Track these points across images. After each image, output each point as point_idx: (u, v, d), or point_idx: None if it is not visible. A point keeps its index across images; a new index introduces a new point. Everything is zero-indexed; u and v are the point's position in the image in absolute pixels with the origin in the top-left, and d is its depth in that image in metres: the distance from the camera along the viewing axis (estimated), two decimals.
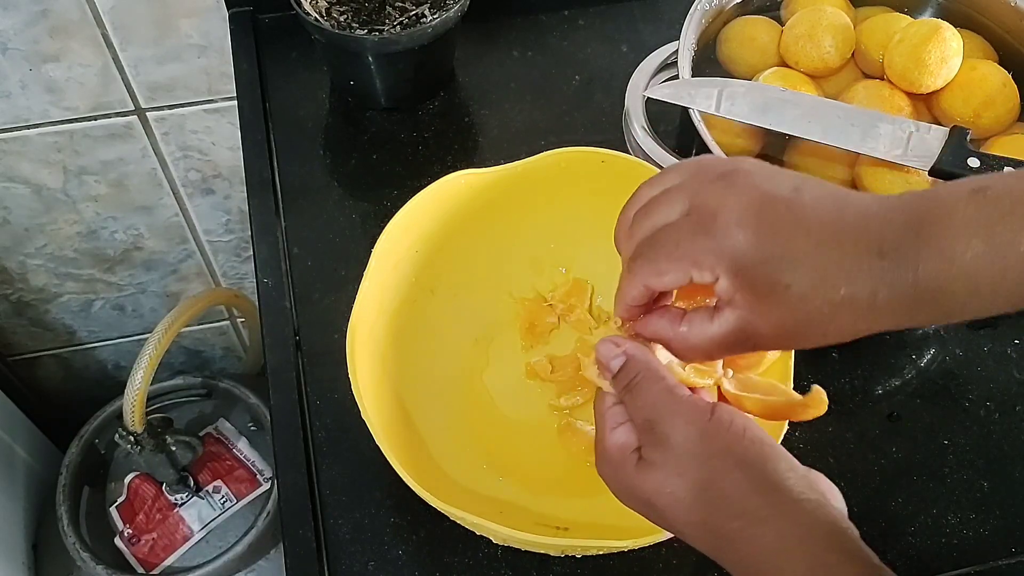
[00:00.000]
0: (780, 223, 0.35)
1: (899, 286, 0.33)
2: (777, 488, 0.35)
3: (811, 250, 0.35)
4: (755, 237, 0.35)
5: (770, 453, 0.36)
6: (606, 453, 0.39)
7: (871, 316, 0.34)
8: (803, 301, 0.35)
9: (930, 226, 0.33)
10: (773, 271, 0.35)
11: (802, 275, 0.34)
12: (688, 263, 0.37)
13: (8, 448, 1.10)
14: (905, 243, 0.33)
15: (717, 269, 0.36)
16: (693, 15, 0.65)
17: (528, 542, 0.46)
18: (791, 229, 0.35)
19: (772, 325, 0.36)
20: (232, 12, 0.81)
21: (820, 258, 0.34)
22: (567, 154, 0.57)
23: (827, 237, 0.35)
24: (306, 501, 0.54)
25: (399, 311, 0.57)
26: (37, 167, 0.95)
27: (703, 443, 0.36)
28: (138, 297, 1.18)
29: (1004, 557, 0.54)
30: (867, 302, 0.34)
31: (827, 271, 0.34)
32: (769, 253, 0.35)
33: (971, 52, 0.63)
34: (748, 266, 0.35)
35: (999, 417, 0.60)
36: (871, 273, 0.34)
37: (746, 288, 0.36)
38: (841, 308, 0.34)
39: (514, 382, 0.60)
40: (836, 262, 0.34)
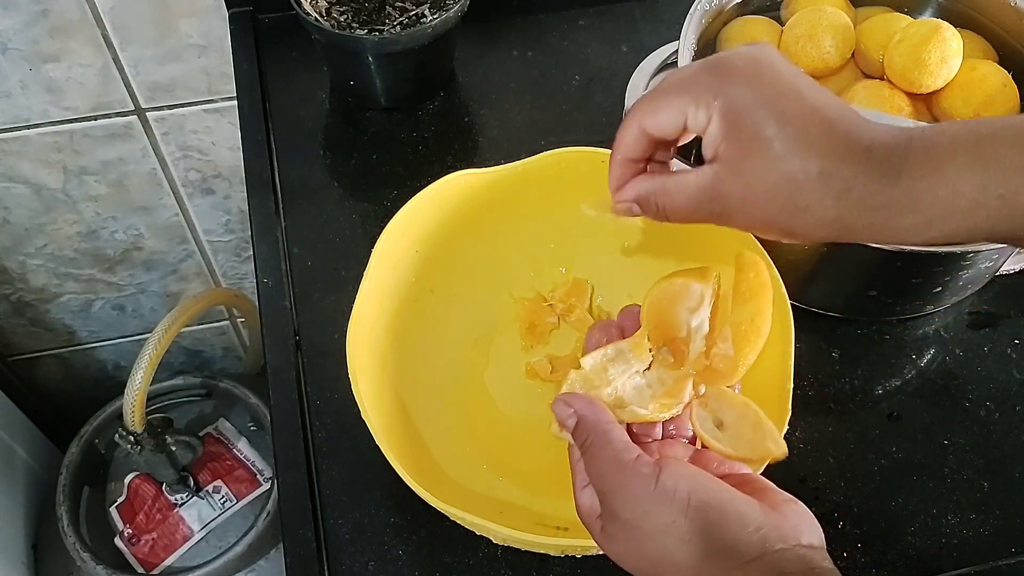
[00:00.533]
0: (781, 85, 0.36)
1: (876, 184, 0.34)
2: (726, 554, 0.34)
3: (802, 115, 0.35)
4: (754, 86, 0.36)
5: (716, 518, 0.35)
6: (580, 511, 0.40)
7: (838, 205, 0.35)
8: (779, 161, 0.35)
9: (924, 151, 0.35)
10: (761, 120, 0.35)
11: (786, 135, 0.35)
12: (687, 97, 0.37)
13: (8, 448, 1.10)
14: (896, 152, 0.35)
15: (711, 108, 0.36)
16: (693, 15, 0.65)
17: (528, 542, 0.46)
18: (789, 93, 0.36)
19: (743, 184, 0.36)
20: (232, 12, 0.81)
21: (808, 127, 0.35)
22: (567, 154, 0.57)
23: (821, 116, 0.35)
24: (306, 501, 0.54)
25: (399, 311, 0.57)
26: (37, 167, 0.95)
27: (649, 519, 0.35)
28: (138, 297, 1.18)
29: (1004, 557, 0.54)
30: (840, 187, 0.35)
31: (810, 140, 0.35)
32: (762, 103, 0.36)
33: (971, 52, 0.63)
34: (740, 109, 0.36)
35: (999, 417, 0.60)
36: (854, 162, 0.35)
37: (731, 134, 0.36)
38: (813, 184, 0.35)
39: (514, 382, 0.60)
40: (821, 136, 0.35)
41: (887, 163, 0.35)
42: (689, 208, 0.38)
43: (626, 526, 0.36)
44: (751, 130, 0.36)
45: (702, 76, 0.37)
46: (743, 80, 0.36)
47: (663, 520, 0.35)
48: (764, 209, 0.36)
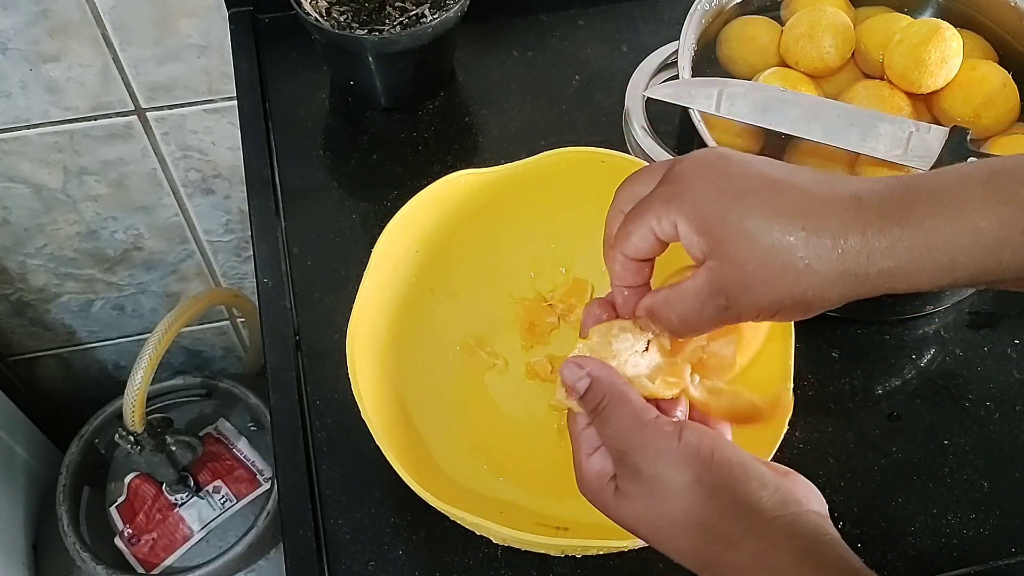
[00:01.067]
0: (733, 170, 0.36)
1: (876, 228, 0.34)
2: (749, 511, 0.34)
3: (765, 188, 0.35)
4: (706, 181, 0.36)
5: (739, 474, 0.35)
6: (585, 479, 0.39)
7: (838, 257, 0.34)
8: (759, 235, 0.35)
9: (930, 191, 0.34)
10: (724, 207, 0.35)
11: (754, 210, 0.35)
12: (649, 216, 0.38)
13: (8, 448, 1.10)
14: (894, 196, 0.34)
15: (674, 216, 0.36)
16: (693, 15, 0.65)
17: (528, 542, 0.46)
18: (744, 175, 0.36)
19: (737, 268, 0.36)
20: (232, 12, 0.81)
21: (774, 196, 0.35)
22: (567, 154, 0.57)
23: (786, 184, 0.35)
24: (306, 501, 0.54)
25: (399, 311, 0.57)
26: (37, 167, 0.95)
27: (674, 474, 0.36)
28: (138, 297, 1.18)
29: (1004, 557, 0.54)
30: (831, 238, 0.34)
31: (780, 207, 0.35)
32: (719, 192, 0.36)
33: (971, 52, 0.63)
34: (700, 205, 0.36)
35: (999, 417, 0.60)
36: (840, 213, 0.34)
37: (702, 229, 0.36)
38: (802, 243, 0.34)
39: (514, 382, 0.60)
40: (792, 200, 0.35)
41: (885, 207, 0.34)
42: (695, 310, 0.38)
43: (648, 481, 0.36)
44: (718, 218, 0.35)
45: (657, 192, 0.38)
46: (694, 180, 0.37)
47: (687, 476, 0.35)
48: (766, 285, 0.35)
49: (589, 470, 0.39)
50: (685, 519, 0.35)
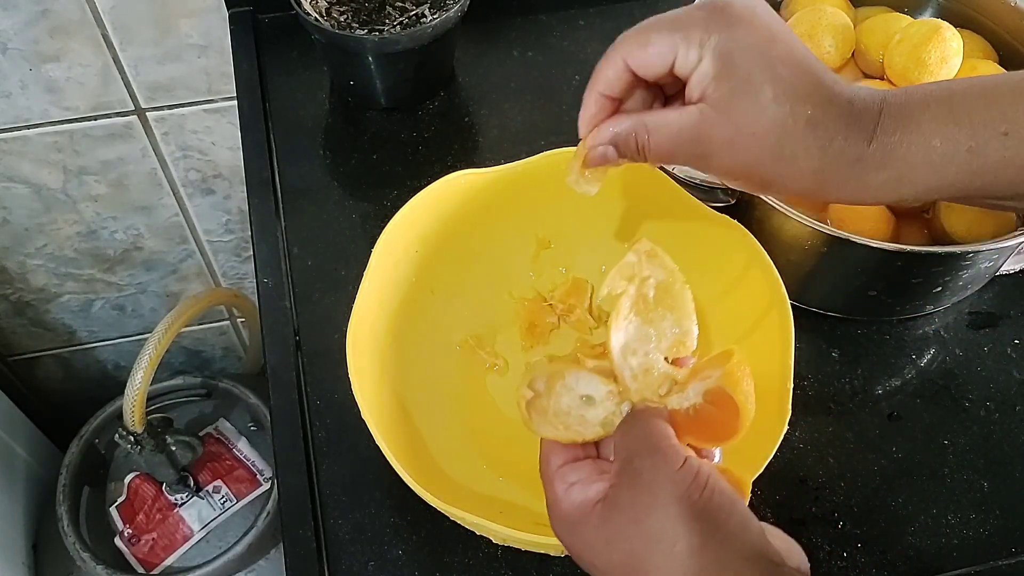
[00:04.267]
0: (775, 32, 0.36)
1: (854, 137, 0.35)
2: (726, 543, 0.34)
3: (793, 64, 0.36)
4: (749, 30, 0.36)
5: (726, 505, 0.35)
6: (563, 512, 0.38)
7: (822, 155, 0.35)
8: (770, 105, 0.35)
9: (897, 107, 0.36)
10: (755, 64, 0.35)
11: (779, 81, 0.35)
12: (679, 34, 0.36)
13: (8, 448, 1.10)
14: (872, 108, 0.36)
15: (704, 47, 0.36)
16: None
17: (528, 542, 0.46)
18: (782, 41, 0.36)
19: (732, 127, 0.36)
20: (232, 12, 0.81)
21: (798, 75, 0.36)
22: (567, 154, 0.57)
23: (808, 67, 0.36)
24: (306, 501, 0.54)
25: (399, 311, 0.57)
26: (37, 167, 0.95)
27: (668, 487, 0.35)
28: (138, 297, 1.18)
29: (1004, 557, 0.54)
30: (825, 136, 0.35)
31: (799, 88, 0.35)
32: (757, 47, 0.36)
33: (971, 52, 0.63)
34: (734, 51, 0.36)
35: (999, 417, 0.60)
36: (838, 113, 0.35)
37: (723, 75, 0.36)
38: (801, 130, 0.35)
39: (514, 382, 0.60)
40: (810, 85, 0.36)
41: (864, 117, 0.36)
42: (671, 147, 0.38)
43: (643, 489, 0.36)
44: (744, 73, 0.36)
45: (696, 15, 0.37)
46: (739, 22, 0.36)
47: (680, 491, 0.35)
48: (749, 153, 0.36)
49: (569, 502, 0.38)
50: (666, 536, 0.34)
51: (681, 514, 0.34)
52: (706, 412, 0.39)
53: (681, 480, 0.35)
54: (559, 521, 0.39)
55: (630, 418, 0.39)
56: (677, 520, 0.34)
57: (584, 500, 0.38)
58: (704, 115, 0.36)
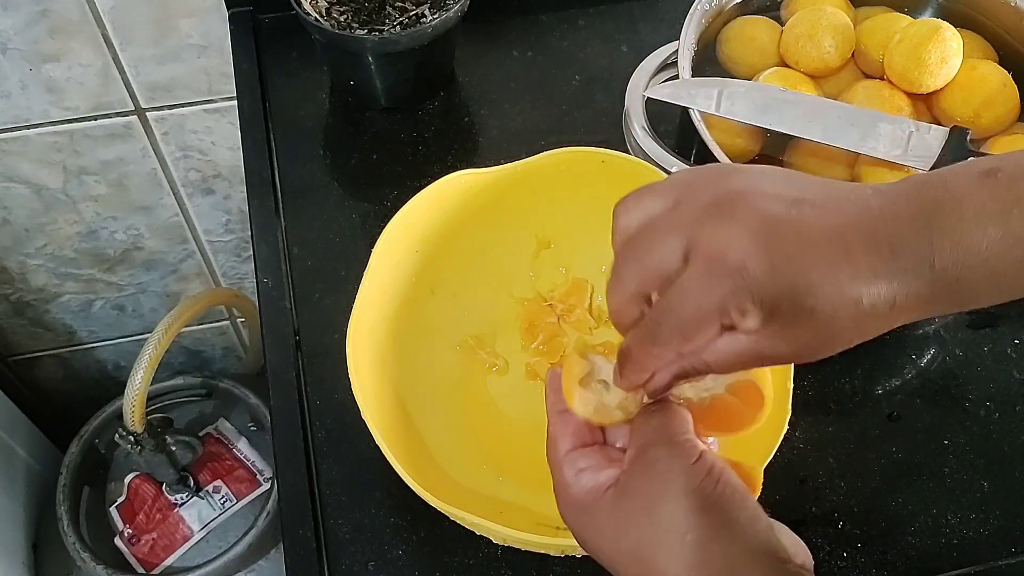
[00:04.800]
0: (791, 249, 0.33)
1: (917, 283, 0.33)
2: (733, 538, 0.34)
3: (826, 271, 0.33)
4: (771, 270, 0.33)
5: (737, 499, 0.35)
6: (573, 497, 0.38)
7: (892, 316, 0.34)
8: (829, 322, 0.33)
9: (941, 216, 0.32)
10: (796, 299, 0.33)
11: (823, 299, 0.33)
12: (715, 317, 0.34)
13: (8, 448, 1.10)
14: (917, 237, 0.32)
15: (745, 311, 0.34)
16: (693, 15, 0.65)
17: (528, 542, 0.46)
18: (803, 253, 0.33)
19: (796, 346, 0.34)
20: (232, 12, 0.81)
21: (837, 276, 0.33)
22: (567, 154, 0.57)
23: (838, 251, 0.33)
24: (306, 501, 0.54)
25: (399, 311, 0.57)
26: (37, 167, 0.95)
27: (680, 478, 0.35)
28: (138, 297, 1.18)
29: (1004, 557, 0.54)
30: (887, 305, 0.33)
31: (845, 287, 0.33)
32: (789, 283, 0.33)
33: (971, 52, 0.63)
34: (771, 299, 0.33)
35: (999, 417, 0.60)
36: (888, 276, 0.33)
37: (772, 319, 0.34)
38: (864, 318, 0.33)
39: (514, 382, 0.60)
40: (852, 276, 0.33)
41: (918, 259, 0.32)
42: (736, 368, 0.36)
43: (656, 479, 0.36)
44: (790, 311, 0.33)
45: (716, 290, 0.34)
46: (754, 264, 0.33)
47: (693, 483, 0.35)
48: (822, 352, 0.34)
49: (579, 487, 0.38)
50: (676, 526, 0.35)
51: (693, 506, 0.34)
52: (724, 402, 0.40)
53: (695, 473, 0.35)
54: (568, 506, 0.39)
55: (650, 407, 0.39)
56: (689, 511, 0.34)
57: (595, 486, 0.38)
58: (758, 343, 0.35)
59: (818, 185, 0.35)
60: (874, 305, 0.33)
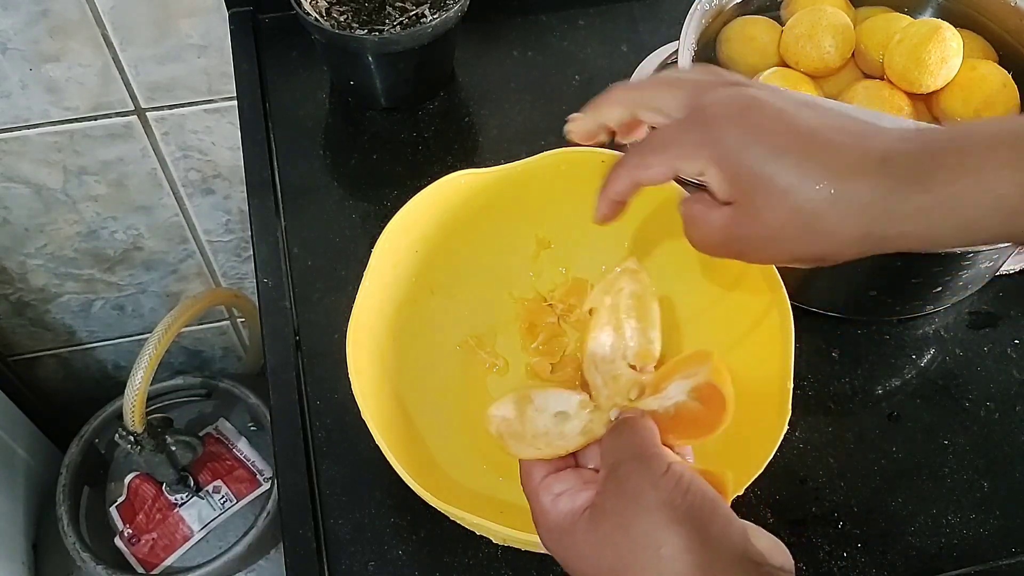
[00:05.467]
0: (768, 119, 0.36)
1: (902, 193, 0.34)
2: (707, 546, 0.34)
3: (798, 143, 0.35)
4: (740, 129, 0.36)
5: (709, 509, 0.35)
6: (552, 523, 0.39)
7: (862, 222, 0.34)
8: (786, 194, 0.35)
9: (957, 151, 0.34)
10: (756, 160, 0.35)
11: (786, 168, 0.35)
12: (674, 155, 0.38)
13: (8, 448, 1.10)
14: (921, 158, 0.34)
15: (704, 163, 0.37)
16: (693, 15, 0.65)
17: (528, 542, 0.46)
18: (778, 125, 0.36)
19: (759, 224, 0.36)
20: (232, 12, 0.81)
21: (807, 153, 0.35)
22: (567, 154, 0.57)
23: (820, 138, 0.35)
24: (306, 501, 0.54)
25: (399, 311, 0.57)
26: (37, 167, 0.95)
27: (651, 493, 0.35)
28: (138, 297, 1.18)
29: (1004, 557, 0.54)
30: (858, 204, 0.34)
31: (812, 166, 0.35)
32: (752, 143, 0.36)
33: (971, 52, 0.63)
34: (731, 154, 0.36)
35: (999, 417, 0.60)
36: (869, 177, 0.34)
37: (731, 179, 0.36)
38: (827, 208, 0.34)
39: (514, 382, 0.60)
40: (825, 158, 0.35)
41: (913, 170, 0.34)
42: (715, 244, 0.39)
43: (628, 496, 0.36)
44: (748, 172, 0.36)
45: (687, 130, 0.38)
46: (727, 127, 0.37)
47: (663, 496, 0.35)
48: (785, 244, 0.36)
49: (557, 513, 0.38)
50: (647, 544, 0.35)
51: (665, 519, 0.35)
52: (688, 409, 0.40)
53: (664, 486, 0.35)
54: (547, 531, 0.39)
55: (617, 426, 0.40)
56: (660, 525, 0.35)
57: (572, 509, 0.38)
58: (732, 218, 0.37)
59: (832, 104, 0.37)
60: (839, 195, 0.34)
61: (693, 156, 0.37)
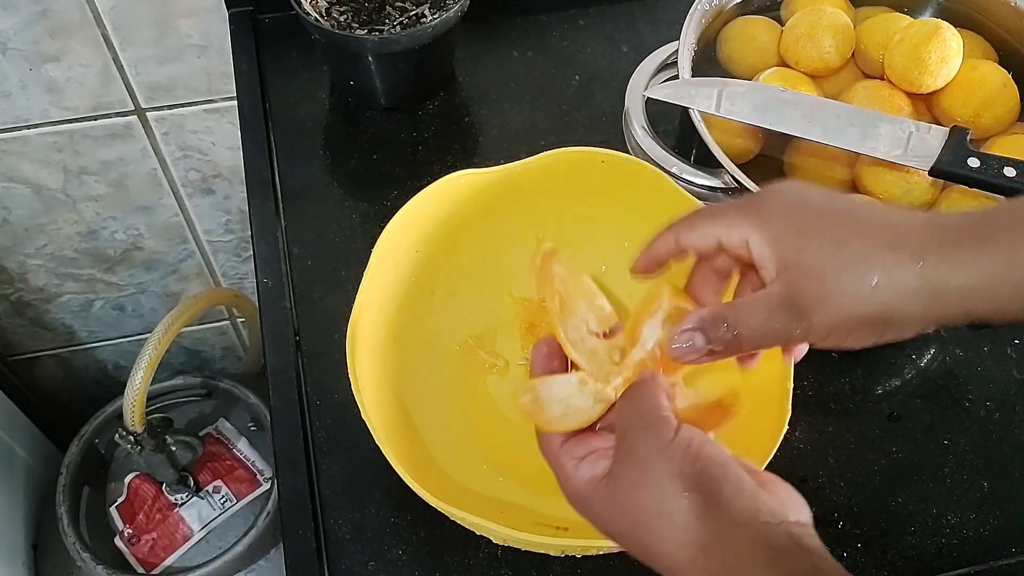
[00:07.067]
0: (814, 197, 0.38)
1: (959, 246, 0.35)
2: (719, 513, 0.34)
3: (842, 212, 0.37)
4: (787, 204, 0.38)
5: (718, 474, 0.35)
6: (575, 489, 0.39)
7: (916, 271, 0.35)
8: (840, 246, 0.36)
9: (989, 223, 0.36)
10: (803, 223, 0.37)
11: (837, 223, 0.36)
12: (720, 221, 0.39)
13: (8, 448, 1.10)
14: (971, 218, 0.36)
15: (748, 229, 0.38)
16: (693, 15, 0.65)
17: (528, 542, 0.46)
18: (824, 200, 0.38)
19: (815, 278, 0.36)
20: (232, 12, 0.81)
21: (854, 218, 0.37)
22: (567, 154, 0.57)
23: (866, 211, 0.37)
24: (306, 501, 0.54)
25: (399, 311, 0.57)
26: (37, 167, 0.95)
27: (661, 463, 0.36)
28: (138, 297, 1.18)
29: (1004, 557, 0.54)
30: (909, 256, 0.35)
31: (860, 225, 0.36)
32: (801, 212, 0.37)
33: (971, 52, 0.63)
34: (779, 222, 0.37)
35: (999, 417, 0.60)
36: (920, 235, 0.35)
37: (778, 244, 0.37)
38: (880, 258, 0.35)
39: (514, 382, 0.60)
40: (869, 217, 0.36)
41: (962, 228, 0.35)
42: (764, 320, 0.37)
43: (638, 465, 0.36)
44: (796, 235, 0.37)
45: (732, 204, 0.40)
46: (772, 199, 0.39)
47: (672, 467, 0.36)
48: (845, 297, 0.36)
49: (579, 480, 0.39)
50: (660, 512, 0.35)
51: (675, 489, 0.35)
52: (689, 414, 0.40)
53: (672, 454, 0.36)
54: (571, 496, 0.40)
55: (627, 392, 0.40)
56: (671, 495, 0.35)
57: (592, 477, 0.39)
58: (786, 283, 0.37)
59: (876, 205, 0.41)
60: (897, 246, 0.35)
61: (738, 223, 0.38)
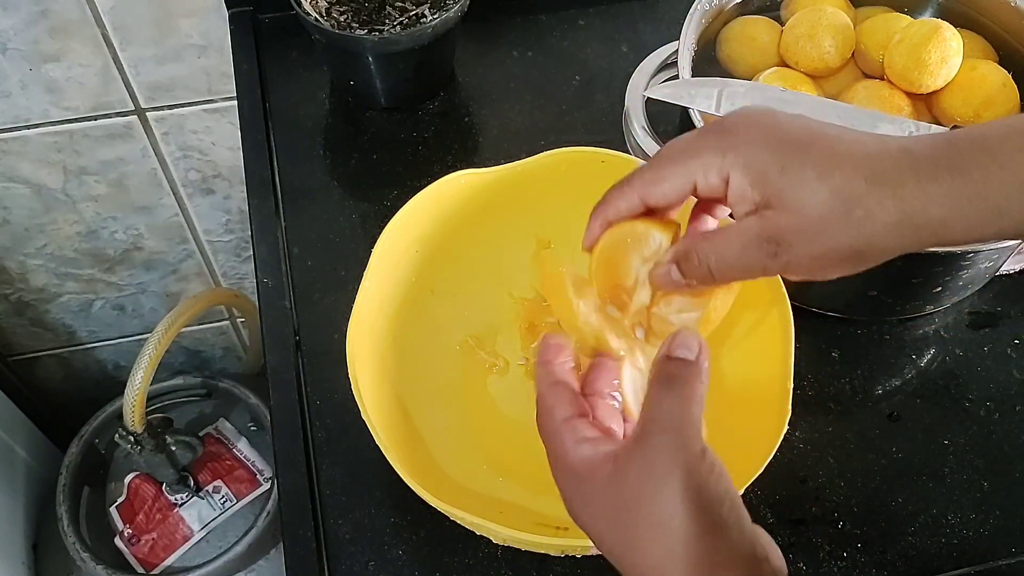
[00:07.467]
0: (789, 125, 0.36)
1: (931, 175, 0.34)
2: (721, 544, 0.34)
3: (822, 142, 0.35)
4: (762, 135, 0.36)
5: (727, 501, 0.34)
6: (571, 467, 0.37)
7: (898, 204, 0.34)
8: (821, 181, 0.35)
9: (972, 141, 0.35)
10: (785, 158, 0.35)
11: (816, 160, 0.35)
12: (693, 163, 0.36)
13: (8, 448, 1.10)
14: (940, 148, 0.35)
15: (728, 168, 0.36)
16: (693, 15, 0.65)
17: (528, 542, 0.46)
18: (797, 129, 0.36)
19: (795, 214, 0.35)
20: (232, 12, 0.81)
21: (834, 148, 0.35)
22: (567, 154, 0.57)
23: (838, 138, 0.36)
24: (306, 501, 0.54)
25: (399, 311, 0.57)
26: (37, 167, 0.95)
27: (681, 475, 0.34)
28: (138, 297, 1.18)
29: (1004, 557, 0.54)
30: (893, 184, 0.34)
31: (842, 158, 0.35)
32: (777, 145, 0.36)
33: (971, 52, 0.63)
34: (758, 158, 0.35)
35: (999, 417, 0.60)
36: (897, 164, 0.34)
37: (760, 180, 0.35)
38: (863, 190, 0.34)
39: (514, 382, 0.60)
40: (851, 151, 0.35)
41: (935, 157, 0.34)
42: (738, 254, 0.37)
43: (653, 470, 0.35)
44: (777, 169, 0.35)
45: (705, 141, 0.37)
46: (747, 133, 0.36)
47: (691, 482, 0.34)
48: (826, 234, 0.35)
49: (579, 455, 0.37)
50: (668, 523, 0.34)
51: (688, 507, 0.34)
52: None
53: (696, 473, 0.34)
54: (564, 472, 0.38)
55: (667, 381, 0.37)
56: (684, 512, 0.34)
57: (594, 455, 0.37)
58: (765, 218, 0.36)
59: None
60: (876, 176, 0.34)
61: (715, 163, 0.36)
